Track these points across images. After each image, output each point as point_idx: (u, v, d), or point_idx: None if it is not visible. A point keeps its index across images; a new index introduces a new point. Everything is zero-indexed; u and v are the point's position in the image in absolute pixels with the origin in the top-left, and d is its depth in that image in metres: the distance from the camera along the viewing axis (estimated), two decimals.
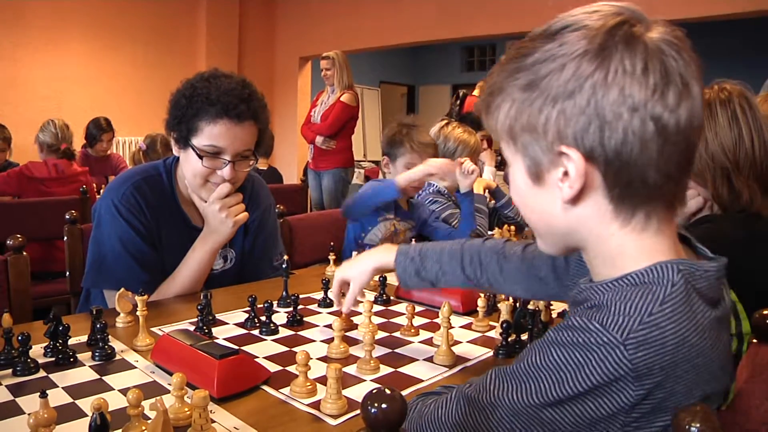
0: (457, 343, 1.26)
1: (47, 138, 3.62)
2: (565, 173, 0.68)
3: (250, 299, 1.32)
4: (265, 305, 1.30)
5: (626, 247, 0.70)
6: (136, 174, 1.63)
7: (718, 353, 0.66)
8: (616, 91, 0.64)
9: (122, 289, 1.31)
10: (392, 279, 1.68)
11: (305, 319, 1.38)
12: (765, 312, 0.79)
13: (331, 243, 1.94)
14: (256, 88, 1.60)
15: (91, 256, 1.56)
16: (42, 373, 1.05)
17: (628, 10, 0.67)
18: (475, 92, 7.13)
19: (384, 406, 0.59)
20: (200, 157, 1.52)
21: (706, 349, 0.64)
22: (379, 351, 1.19)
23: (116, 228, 1.53)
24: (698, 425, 0.55)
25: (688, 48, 0.67)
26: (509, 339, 1.20)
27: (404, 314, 1.35)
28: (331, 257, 1.86)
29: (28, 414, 0.86)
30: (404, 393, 1.01)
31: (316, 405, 0.95)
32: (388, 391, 0.60)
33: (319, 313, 1.45)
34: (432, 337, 1.28)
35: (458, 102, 7.11)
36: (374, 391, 0.60)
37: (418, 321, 1.38)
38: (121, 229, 1.53)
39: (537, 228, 0.79)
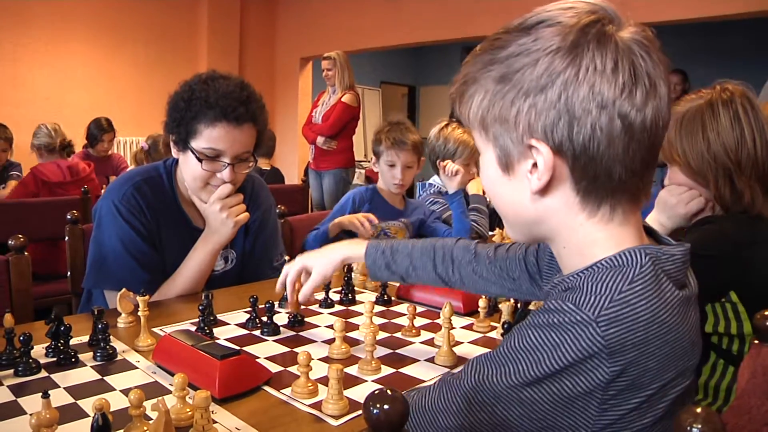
0: (458, 343, 1.26)
1: (43, 140, 3.64)
2: (534, 165, 0.70)
3: (251, 300, 1.33)
4: (267, 306, 1.30)
5: (594, 236, 0.72)
6: (137, 175, 1.63)
7: (688, 329, 0.68)
8: (586, 88, 0.66)
9: (124, 290, 1.31)
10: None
11: (306, 319, 1.38)
12: (766, 313, 0.79)
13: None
14: (254, 89, 1.60)
15: (92, 257, 1.57)
16: (43, 374, 1.05)
17: (602, 8, 0.69)
18: None
19: (386, 407, 0.59)
20: (199, 160, 1.52)
21: (675, 326, 0.66)
22: (381, 351, 1.19)
23: (117, 228, 1.54)
24: (700, 426, 0.55)
25: (657, 49, 0.69)
26: None
27: (405, 315, 1.35)
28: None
29: (30, 414, 0.85)
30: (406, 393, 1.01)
31: (317, 405, 0.95)
32: (390, 392, 0.60)
33: (321, 313, 1.45)
34: (433, 338, 1.28)
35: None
36: (376, 392, 0.61)
37: (420, 321, 1.38)
38: (122, 230, 1.53)
39: (506, 216, 0.81)
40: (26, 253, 1.60)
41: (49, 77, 6.22)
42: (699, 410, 0.57)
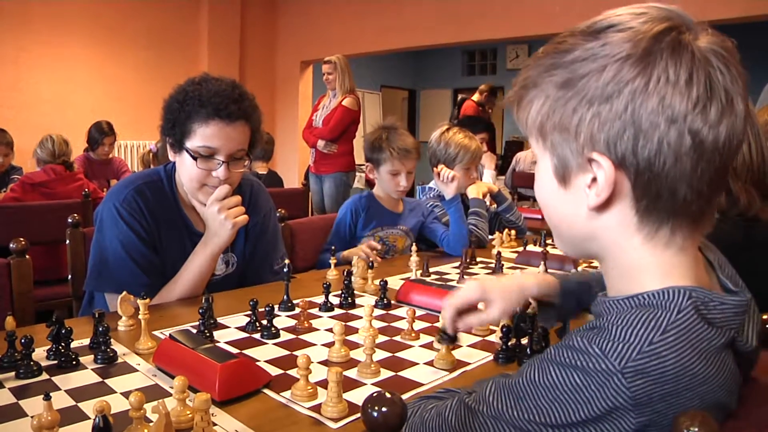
0: (457, 347, 1.27)
1: (44, 155, 3.65)
2: (594, 179, 0.66)
3: (251, 303, 1.33)
4: (267, 309, 1.30)
5: (645, 261, 0.68)
6: (138, 179, 1.64)
7: (724, 378, 0.64)
8: (656, 99, 0.61)
9: (124, 293, 1.32)
10: (393, 283, 1.69)
11: (305, 323, 1.38)
12: (764, 317, 0.79)
13: (333, 247, 1.94)
14: (247, 90, 1.63)
15: (93, 260, 1.57)
16: (45, 376, 1.05)
17: (678, 15, 0.65)
18: (475, 97, 7.15)
19: (384, 409, 0.59)
20: (194, 158, 1.53)
21: (710, 377, 0.62)
22: (380, 355, 1.20)
23: (118, 232, 1.54)
24: (696, 429, 0.55)
25: (736, 62, 0.65)
26: (509, 343, 1.20)
27: (405, 318, 1.35)
28: (332, 261, 1.87)
29: (31, 416, 0.86)
30: (405, 397, 1.01)
31: (316, 408, 0.95)
32: (388, 395, 0.61)
33: (320, 317, 1.46)
34: (432, 341, 1.28)
35: (456, 108, 7.12)
36: (375, 395, 0.61)
37: (419, 325, 1.39)
38: (123, 233, 1.54)
39: (558, 229, 0.77)
40: (27, 257, 1.61)
41: (50, 81, 6.25)
42: (695, 413, 0.57)
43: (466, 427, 0.70)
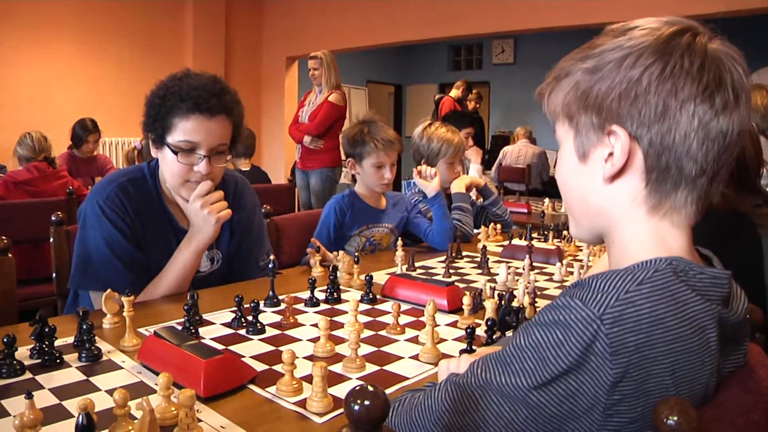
0: (442, 340, 1.28)
1: (25, 151, 3.61)
2: (610, 154, 0.74)
3: (236, 299, 1.33)
4: (252, 305, 1.30)
5: (644, 236, 0.75)
6: (122, 176, 1.63)
7: (701, 345, 0.66)
8: (670, 83, 0.70)
9: (109, 290, 1.31)
10: (378, 278, 1.69)
11: (291, 318, 1.39)
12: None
13: (317, 245, 1.93)
14: (228, 84, 1.62)
15: (77, 258, 1.56)
16: (28, 375, 1.05)
17: (695, 24, 0.74)
18: (452, 93, 7.16)
19: (367, 403, 0.59)
20: (175, 153, 1.53)
21: (684, 336, 0.65)
22: (365, 349, 1.20)
23: (101, 229, 1.53)
24: (675, 418, 0.56)
25: (744, 65, 0.72)
26: (494, 336, 1.21)
27: (390, 313, 1.36)
28: (318, 257, 1.87)
29: (14, 416, 0.86)
30: (390, 390, 1.02)
31: (302, 403, 0.96)
32: (370, 388, 0.61)
33: (306, 312, 1.46)
34: (418, 335, 1.29)
35: (435, 105, 7.14)
36: (357, 388, 0.61)
37: (404, 319, 1.39)
38: (106, 230, 1.53)
39: (573, 208, 0.84)
40: (10, 255, 1.60)
41: (33, 79, 6.17)
42: (674, 402, 0.58)
43: (455, 402, 0.72)
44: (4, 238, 1.58)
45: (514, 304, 1.30)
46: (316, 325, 1.25)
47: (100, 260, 1.53)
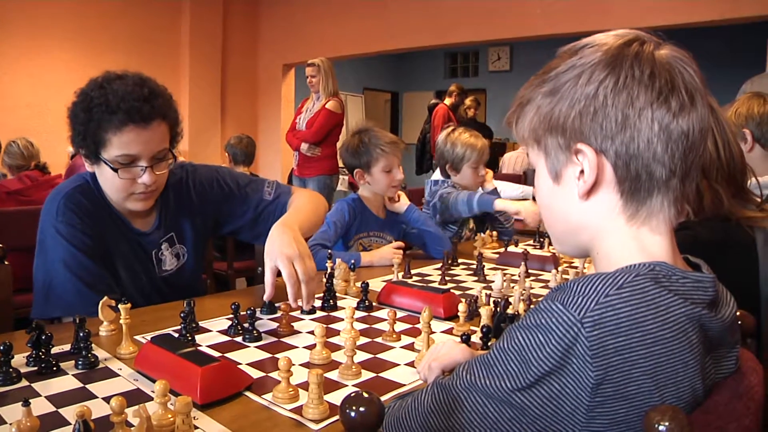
0: None
1: (14, 160, 3.59)
2: (582, 171, 0.75)
3: (233, 306, 1.33)
4: (248, 312, 1.31)
5: (626, 244, 0.76)
6: (65, 187, 1.55)
7: (682, 348, 0.67)
8: (625, 94, 0.72)
9: (105, 298, 1.31)
10: (374, 285, 1.70)
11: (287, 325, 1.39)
12: (738, 314, 0.81)
13: (330, 252, 1.93)
14: (156, 82, 1.53)
15: (37, 285, 1.48)
16: (24, 383, 1.05)
17: (642, 34, 0.76)
18: (447, 101, 7.16)
19: (362, 409, 0.60)
20: (115, 170, 1.46)
21: (664, 339, 0.66)
22: (361, 356, 1.20)
23: (58, 250, 1.47)
24: (667, 423, 0.57)
25: (694, 66, 0.74)
26: (489, 343, 1.22)
27: (386, 320, 1.36)
28: (329, 264, 1.86)
29: (10, 424, 0.86)
30: (385, 397, 1.02)
31: (298, 410, 0.96)
32: (365, 395, 0.62)
33: (302, 319, 1.46)
34: (413, 342, 1.30)
35: (428, 112, 7.13)
36: (352, 395, 0.62)
37: (400, 326, 1.40)
38: (64, 250, 1.46)
39: (555, 230, 0.85)
40: (6, 263, 1.60)
41: (30, 85, 6.17)
42: (666, 408, 0.59)
43: (441, 404, 0.75)
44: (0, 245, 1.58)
45: (510, 311, 1.31)
46: (312, 333, 1.26)
47: (62, 284, 1.46)
